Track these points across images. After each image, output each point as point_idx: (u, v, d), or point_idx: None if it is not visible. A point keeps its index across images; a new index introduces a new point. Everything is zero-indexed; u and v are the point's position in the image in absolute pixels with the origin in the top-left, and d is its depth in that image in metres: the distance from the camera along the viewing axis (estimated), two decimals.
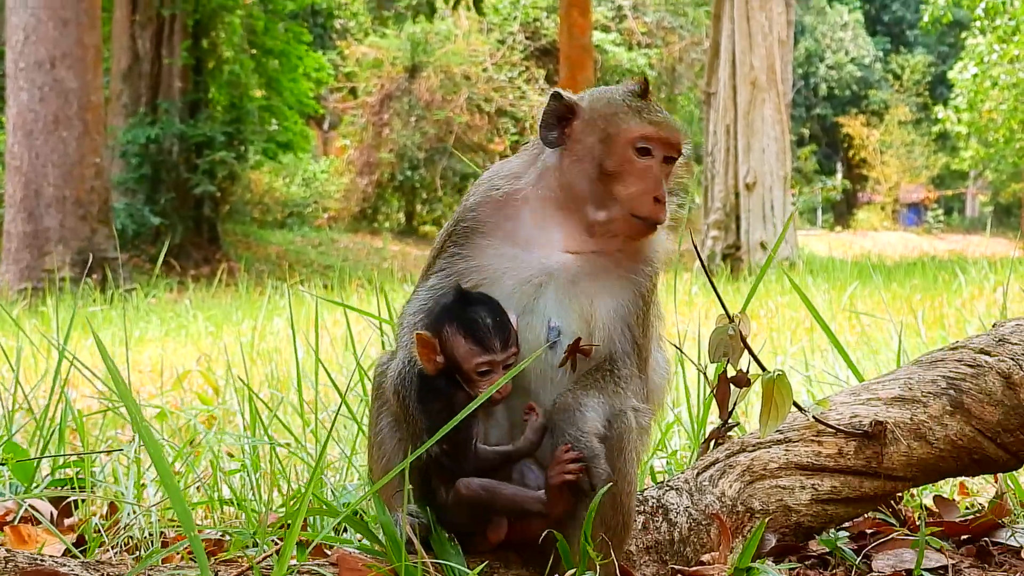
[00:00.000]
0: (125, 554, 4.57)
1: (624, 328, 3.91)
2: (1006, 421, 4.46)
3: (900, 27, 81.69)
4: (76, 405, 6.32)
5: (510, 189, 4.03)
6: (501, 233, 3.98)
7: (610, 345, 3.90)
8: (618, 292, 3.93)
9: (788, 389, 4.25)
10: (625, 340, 3.91)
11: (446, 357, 3.78)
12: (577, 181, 3.94)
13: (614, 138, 3.91)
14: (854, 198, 77.57)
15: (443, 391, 3.77)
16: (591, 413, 3.75)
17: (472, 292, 3.86)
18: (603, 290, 3.92)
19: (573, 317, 3.87)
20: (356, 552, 3.80)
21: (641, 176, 3.89)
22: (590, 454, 3.69)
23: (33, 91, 26.75)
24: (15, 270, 26.63)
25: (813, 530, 4.47)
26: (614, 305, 3.91)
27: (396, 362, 3.91)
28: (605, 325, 3.90)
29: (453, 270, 3.97)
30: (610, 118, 3.95)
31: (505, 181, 4.06)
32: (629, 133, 3.91)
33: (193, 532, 3.14)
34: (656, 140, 3.92)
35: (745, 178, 30.14)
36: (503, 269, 3.92)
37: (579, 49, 30.81)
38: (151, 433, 3.19)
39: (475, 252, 3.97)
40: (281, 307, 15.61)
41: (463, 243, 4.00)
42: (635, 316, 3.93)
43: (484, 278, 3.92)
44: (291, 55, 40.67)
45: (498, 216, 4.00)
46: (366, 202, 53.17)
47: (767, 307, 14.71)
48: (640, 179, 3.89)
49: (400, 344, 3.96)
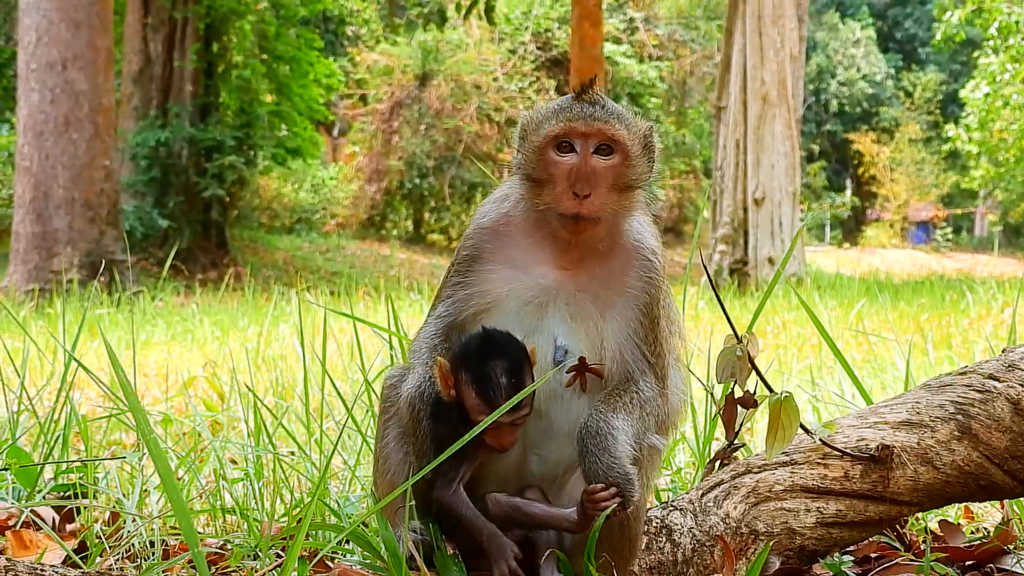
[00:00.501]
0: (126, 562, 4.55)
1: (633, 346, 3.89)
2: (1014, 448, 4.43)
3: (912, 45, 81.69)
4: (81, 408, 6.32)
5: (498, 214, 4.06)
6: (500, 257, 4.00)
7: (622, 364, 3.88)
8: (621, 307, 3.92)
9: (795, 412, 4.23)
10: (637, 357, 3.89)
11: (457, 396, 3.77)
12: (530, 196, 3.96)
13: (536, 144, 3.91)
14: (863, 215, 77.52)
15: (452, 421, 3.75)
16: (623, 436, 3.74)
17: (499, 337, 3.83)
18: (606, 306, 3.91)
19: (580, 336, 3.86)
20: (358, 567, 3.79)
21: (562, 173, 3.86)
22: (624, 480, 3.68)
23: (44, 92, 26.77)
24: (23, 271, 26.64)
25: (817, 553, 4.45)
26: (620, 321, 3.90)
27: (414, 377, 3.89)
28: (613, 342, 3.88)
29: (458, 297, 4.00)
30: (535, 127, 3.95)
31: (494, 206, 4.10)
32: (546, 134, 3.89)
33: (197, 548, 3.12)
34: (575, 134, 3.86)
35: (754, 193, 30.11)
36: (505, 292, 3.93)
37: (590, 60, 30.81)
38: (158, 445, 3.17)
39: (477, 278, 3.99)
40: (287, 313, 15.61)
41: (465, 271, 4.02)
42: (643, 331, 3.91)
43: (488, 302, 3.94)
44: (302, 61, 40.70)
45: (494, 241, 4.02)
46: (374, 209, 53.20)
47: (774, 323, 14.68)
48: (561, 176, 3.86)
49: (417, 362, 3.94)
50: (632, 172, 3.91)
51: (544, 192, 3.89)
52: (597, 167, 3.85)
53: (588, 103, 3.91)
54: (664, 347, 3.97)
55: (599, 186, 3.85)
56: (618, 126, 3.88)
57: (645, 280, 3.95)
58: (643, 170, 3.96)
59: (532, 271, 3.93)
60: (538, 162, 3.90)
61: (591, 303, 3.90)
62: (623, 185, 3.90)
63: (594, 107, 3.90)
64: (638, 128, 3.96)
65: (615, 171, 3.88)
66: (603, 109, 3.90)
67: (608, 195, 3.87)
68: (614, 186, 3.88)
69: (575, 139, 3.86)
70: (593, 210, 3.83)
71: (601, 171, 3.86)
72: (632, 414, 3.80)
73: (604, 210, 3.86)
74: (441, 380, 3.76)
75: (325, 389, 6.09)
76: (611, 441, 3.71)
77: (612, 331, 3.90)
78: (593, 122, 3.86)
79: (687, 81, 57.25)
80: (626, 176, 3.90)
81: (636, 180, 3.94)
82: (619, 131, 3.88)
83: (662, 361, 3.95)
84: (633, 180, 3.93)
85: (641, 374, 3.89)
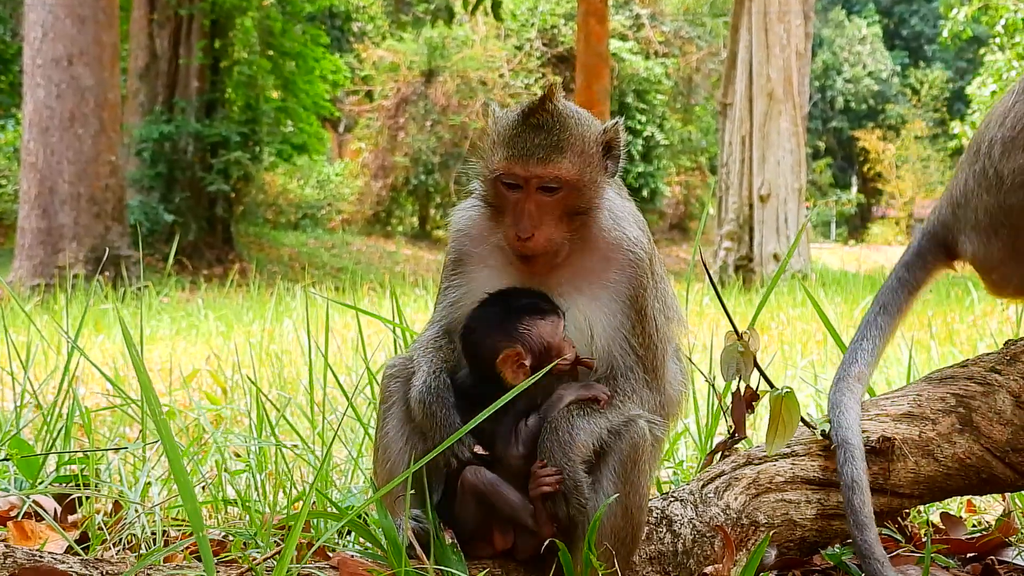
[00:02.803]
0: (128, 552, 4.56)
1: (622, 339, 3.88)
2: (1015, 440, 4.43)
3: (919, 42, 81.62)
4: (85, 402, 6.32)
5: (470, 219, 4.07)
6: (481, 260, 4.01)
7: (609, 358, 3.88)
8: (606, 300, 3.90)
9: (796, 406, 4.23)
10: (626, 351, 3.88)
11: (532, 353, 3.80)
12: (489, 217, 3.98)
13: (486, 174, 3.90)
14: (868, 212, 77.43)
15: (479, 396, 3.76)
16: (582, 437, 3.74)
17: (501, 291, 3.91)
18: (591, 300, 3.90)
19: (569, 331, 3.86)
20: (357, 556, 3.79)
21: (511, 210, 3.83)
22: (572, 484, 3.69)
23: (50, 88, 26.80)
24: (28, 266, 26.67)
25: (818, 545, 4.45)
26: (606, 314, 3.89)
27: (419, 375, 3.89)
28: (601, 336, 3.88)
29: (450, 300, 4.03)
30: (487, 152, 3.91)
31: (467, 212, 4.11)
32: (493, 170, 3.85)
33: (202, 532, 3.13)
34: (518, 175, 3.80)
35: (759, 190, 30.10)
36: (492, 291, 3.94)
37: (596, 57, 30.82)
38: (169, 429, 3.17)
39: (464, 280, 4.02)
40: (292, 308, 15.62)
41: (451, 275, 4.06)
42: (630, 324, 3.89)
43: (477, 303, 3.94)
44: (308, 57, 40.66)
45: (473, 244, 4.03)
46: (380, 205, 53.19)
47: (778, 319, 14.68)
48: (509, 213, 3.83)
49: (422, 360, 3.94)
50: (582, 198, 3.85)
51: (497, 220, 3.91)
52: (542, 203, 3.81)
53: (534, 128, 3.81)
54: (655, 339, 3.93)
55: (543, 224, 3.80)
56: (561, 161, 3.79)
57: (628, 273, 3.91)
58: (596, 188, 3.89)
59: (513, 272, 3.94)
60: (488, 190, 3.91)
61: (576, 298, 3.90)
62: (573, 212, 3.85)
63: (539, 134, 3.80)
64: (590, 140, 3.88)
65: (562, 204, 3.83)
66: (547, 139, 3.80)
67: (556, 227, 3.82)
68: (563, 216, 3.84)
69: (519, 178, 3.80)
70: (537, 248, 3.80)
71: (547, 206, 3.81)
72: (604, 412, 3.80)
73: (551, 245, 3.83)
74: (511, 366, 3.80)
75: (327, 382, 6.10)
76: (567, 443, 3.72)
77: (599, 325, 3.89)
78: (533, 165, 3.78)
79: (693, 78, 57.21)
80: (575, 204, 3.84)
81: (588, 203, 3.88)
82: (562, 166, 3.79)
83: (651, 353, 3.91)
84: (584, 205, 3.86)
85: (628, 369, 3.88)
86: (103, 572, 3.51)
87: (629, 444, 3.79)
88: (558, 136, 3.81)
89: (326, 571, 3.66)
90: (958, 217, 4.75)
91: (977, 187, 4.67)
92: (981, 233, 4.65)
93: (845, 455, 4.26)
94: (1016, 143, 4.55)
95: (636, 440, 3.79)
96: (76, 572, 3.45)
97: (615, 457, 3.78)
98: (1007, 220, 4.56)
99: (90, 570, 3.50)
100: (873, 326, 4.88)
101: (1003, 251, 4.60)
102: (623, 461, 3.77)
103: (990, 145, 4.62)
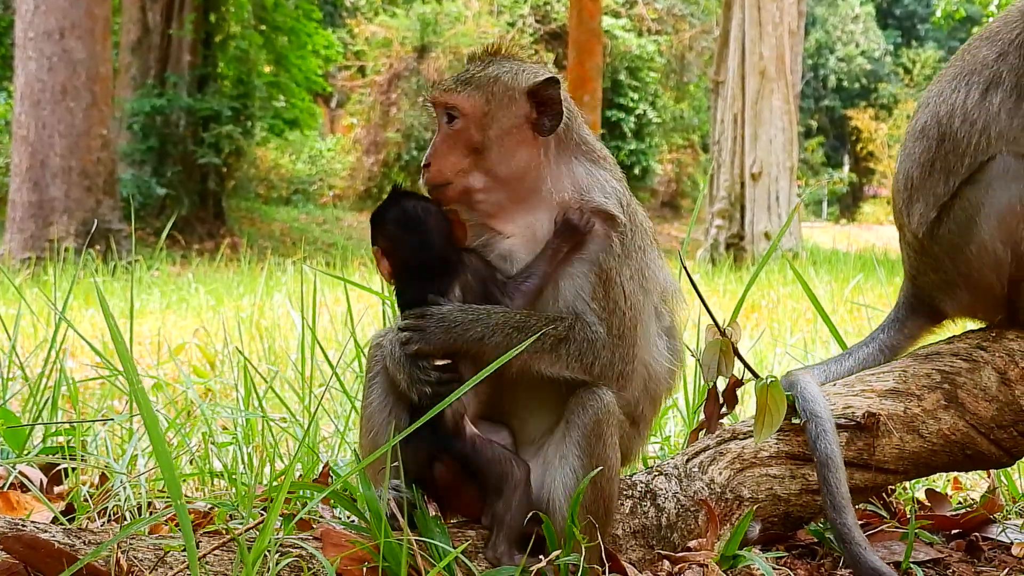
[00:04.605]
0: (113, 523, 4.57)
1: (584, 303, 3.85)
2: (1000, 417, 4.45)
3: (911, 21, 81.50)
4: (75, 375, 6.33)
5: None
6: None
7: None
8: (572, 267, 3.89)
9: (782, 396, 4.24)
10: (586, 313, 3.86)
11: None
12: None
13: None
14: (860, 191, 77.38)
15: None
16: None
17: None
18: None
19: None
20: (340, 527, 3.80)
21: None
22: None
23: (42, 61, 26.69)
24: (19, 239, 26.60)
25: (802, 520, 4.47)
26: (567, 278, 3.88)
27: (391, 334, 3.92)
28: (564, 300, 3.87)
29: None
30: None
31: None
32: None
33: (180, 500, 3.13)
34: (430, 100, 3.98)
35: (751, 168, 30.06)
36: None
37: (588, 34, 30.75)
38: (146, 396, 3.17)
39: None
40: (282, 283, 15.62)
41: None
42: (591, 288, 3.86)
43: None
44: (300, 32, 40.54)
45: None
46: (371, 181, 53.05)
47: (769, 298, 14.69)
48: None
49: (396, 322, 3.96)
50: (486, 136, 3.89)
51: None
52: (446, 136, 3.90)
53: (464, 66, 4.02)
54: (622, 306, 3.88)
55: (438, 154, 3.89)
56: (462, 91, 3.90)
57: (595, 241, 3.89)
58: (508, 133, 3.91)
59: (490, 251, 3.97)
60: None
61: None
62: (471, 148, 3.89)
63: (461, 71, 3.98)
64: (511, 85, 3.92)
65: (464, 138, 3.89)
66: (462, 74, 3.96)
67: (455, 161, 3.88)
68: (466, 153, 3.89)
69: (431, 105, 3.97)
70: (433, 179, 3.88)
71: (449, 139, 3.90)
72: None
73: (444, 177, 3.89)
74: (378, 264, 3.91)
75: (316, 354, 6.10)
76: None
77: (562, 289, 3.88)
78: (439, 92, 3.93)
79: (686, 55, 57.09)
80: (478, 140, 3.89)
81: (495, 145, 3.90)
82: (461, 96, 3.89)
83: (617, 320, 3.86)
84: (487, 144, 3.89)
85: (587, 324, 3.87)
86: (86, 542, 3.52)
87: (592, 418, 3.79)
88: (473, 73, 3.95)
89: (309, 542, 3.66)
90: (919, 286, 4.80)
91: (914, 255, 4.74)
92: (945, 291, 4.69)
93: (817, 429, 4.27)
94: (913, 195, 4.63)
95: (599, 415, 3.79)
96: (59, 541, 3.45)
97: (578, 431, 3.79)
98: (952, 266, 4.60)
99: (73, 539, 3.51)
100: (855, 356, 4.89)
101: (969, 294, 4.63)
102: (587, 435, 3.78)
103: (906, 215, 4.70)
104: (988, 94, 4.53)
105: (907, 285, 4.89)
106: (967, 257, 4.49)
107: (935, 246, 4.58)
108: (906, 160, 4.72)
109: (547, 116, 3.92)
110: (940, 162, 4.57)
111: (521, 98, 3.90)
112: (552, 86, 3.90)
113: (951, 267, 4.56)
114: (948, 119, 4.55)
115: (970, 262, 4.49)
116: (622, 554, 4.04)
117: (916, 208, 4.63)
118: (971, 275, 4.52)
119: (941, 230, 4.55)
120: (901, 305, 4.91)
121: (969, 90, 4.57)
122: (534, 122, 3.92)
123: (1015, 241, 4.37)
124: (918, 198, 4.63)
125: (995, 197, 4.39)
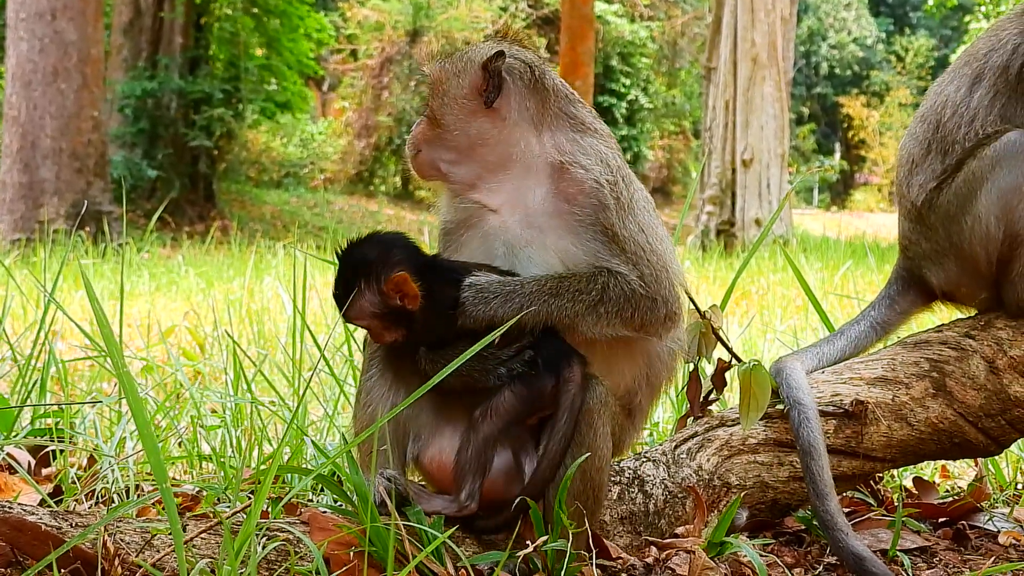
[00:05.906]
0: (101, 506, 4.56)
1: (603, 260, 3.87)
2: (988, 406, 4.46)
3: (903, 9, 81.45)
4: (64, 357, 6.31)
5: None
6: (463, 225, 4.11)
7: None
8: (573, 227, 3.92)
9: (766, 379, 4.25)
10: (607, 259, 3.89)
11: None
12: None
13: None
14: (851, 179, 77.39)
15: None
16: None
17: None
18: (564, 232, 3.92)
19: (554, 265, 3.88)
20: (328, 512, 3.79)
21: None
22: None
23: (33, 42, 26.60)
24: (9, 220, 26.54)
25: (790, 507, 4.47)
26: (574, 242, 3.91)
27: None
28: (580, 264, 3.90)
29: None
30: None
31: None
32: None
33: (165, 484, 3.13)
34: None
35: (742, 155, 30.05)
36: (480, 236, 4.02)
37: (580, 19, 30.67)
38: (131, 378, 3.17)
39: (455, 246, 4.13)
40: (273, 266, 15.60)
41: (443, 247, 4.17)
42: (601, 247, 3.89)
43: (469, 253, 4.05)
44: (292, 15, 40.43)
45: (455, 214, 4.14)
46: (363, 165, 53.01)
47: (759, 285, 14.70)
48: None
49: None
50: (436, 103, 4.09)
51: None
52: (426, 108, 4.18)
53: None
54: (641, 251, 3.92)
55: (416, 125, 4.16)
56: (431, 62, 4.17)
57: (588, 200, 3.93)
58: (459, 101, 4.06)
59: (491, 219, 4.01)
60: None
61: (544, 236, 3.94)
62: (432, 117, 4.10)
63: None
64: (469, 59, 4.10)
65: (428, 107, 4.13)
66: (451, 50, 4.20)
67: (423, 129, 4.13)
68: (429, 121, 4.11)
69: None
70: (408, 146, 4.13)
71: (424, 110, 4.18)
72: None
73: (415, 144, 4.11)
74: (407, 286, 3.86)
75: (305, 338, 6.09)
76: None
77: (571, 253, 3.90)
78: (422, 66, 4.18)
79: (678, 41, 57.03)
80: (433, 108, 4.10)
81: (442, 110, 4.07)
82: (428, 67, 4.18)
83: (644, 266, 3.90)
84: (439, 110, 4.08)
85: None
86: (73, 524, 3.51)
87: (584, 408, 3.79)
88: (455, 49, 4.22)
89: (296, 526, 3.66)
90: (910, 258, 4.80)
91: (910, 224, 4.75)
92: (934, 261, 4.69)
93: (800, 416, 4.27)
94: (913, 169, 4.67)
95: (590, 404, 3.80)
96: (46, 524, 3.45)
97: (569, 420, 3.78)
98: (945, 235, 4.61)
99: (60, 522, 3.50)
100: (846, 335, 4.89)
101: (957, 266, 4.63)
102: (578, 424, 3.78)
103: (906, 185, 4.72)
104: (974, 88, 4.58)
105: (900, 259, 4.90)
106: (960, 228, 4.51)
107: (931, 215, 4.60)
108: (909, 140, 4.75)
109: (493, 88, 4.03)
110: (936, 144, 4.60)
111: (473, 70, 4.05)
112: (498, 59, 4.01)
113: (943, 236, 4.58)
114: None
115: (962, 233, 4.50)
116: (610, 540, 4.04)
117: (916, 180, 4.64)
118: (961, 246, 4.53)
119: (940, 199, 4.57)
120: (892, 281, 4.92)
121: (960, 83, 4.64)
122: (482, 93, 4.03)
123: (1010, 220, 4.38)
124: (919, 172, 4.65)
125: (1001, 174, 4.40)
